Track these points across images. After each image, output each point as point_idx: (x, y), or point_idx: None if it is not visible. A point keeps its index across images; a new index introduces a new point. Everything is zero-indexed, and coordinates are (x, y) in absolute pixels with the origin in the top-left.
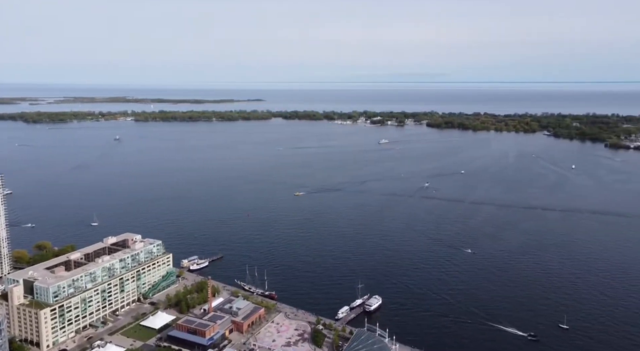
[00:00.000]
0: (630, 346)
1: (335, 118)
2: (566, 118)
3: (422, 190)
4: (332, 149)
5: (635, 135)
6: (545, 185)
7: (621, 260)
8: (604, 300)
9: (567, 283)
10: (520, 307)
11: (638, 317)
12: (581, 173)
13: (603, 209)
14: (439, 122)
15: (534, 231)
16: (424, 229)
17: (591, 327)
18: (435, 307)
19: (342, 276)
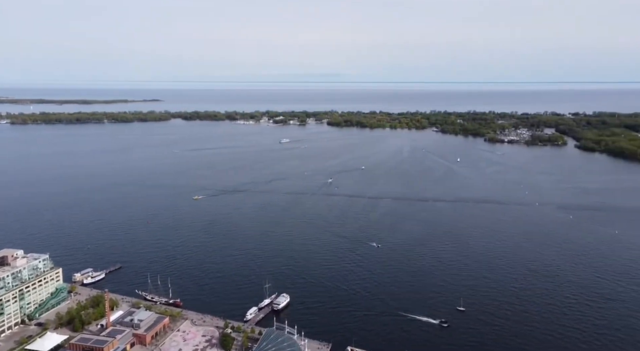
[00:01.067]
0: (517, 320)
1: (238, 118)
2: (451, 115)
3: (326, 187)
4: (235, 150)
5: (508, 130)
6: (435, 177)
7: (501, 243)
8: (490, 281)
9: (460, 268)
10: (423, 294)
11: (519, 292)
12: (465, 166)
13: (485, 198)
14: (339, 120)
15: (429, 221)
16: (329, 225)
17: (484, 307)
18: (344, 301)
19: (249, 278)
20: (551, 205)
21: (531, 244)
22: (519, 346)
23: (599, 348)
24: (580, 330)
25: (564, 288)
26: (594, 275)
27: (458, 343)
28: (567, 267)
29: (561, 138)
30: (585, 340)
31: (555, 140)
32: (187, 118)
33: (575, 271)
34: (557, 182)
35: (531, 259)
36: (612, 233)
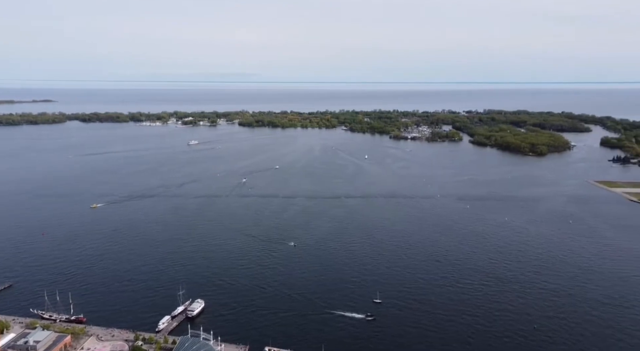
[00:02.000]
0: (431, 306)
1: (143, 119)
2: (359, 114)
3: (239, 188)
4: (140, 153)
5: (411, 128)
6: (346, 174)
7: (409, 234)
8: (402, 271)
9: (373, 261)
10: (340, 290)
11: (428, 279)
12: (373, 163)
13: (392, 192)
14: (250, 121)
15: (341, 217)
16: (244, 227)
17: (399, 297)
18: (261, 302)
19: (160, 286)
20: (451, 196)
21: (435, 234)
22: (435, 331)
23: (499, 325)
24: (480, 309)
25: (464, 273)
26: (488, 259)
27: (378, 335)
28: (467, 253)
29: (457, 135)
30: (486, 318)
31: (452, 136)
32: (85, 120)
33: (473, 257)
34: (455, 175)
35: (436, 248)
36: (503, 220)
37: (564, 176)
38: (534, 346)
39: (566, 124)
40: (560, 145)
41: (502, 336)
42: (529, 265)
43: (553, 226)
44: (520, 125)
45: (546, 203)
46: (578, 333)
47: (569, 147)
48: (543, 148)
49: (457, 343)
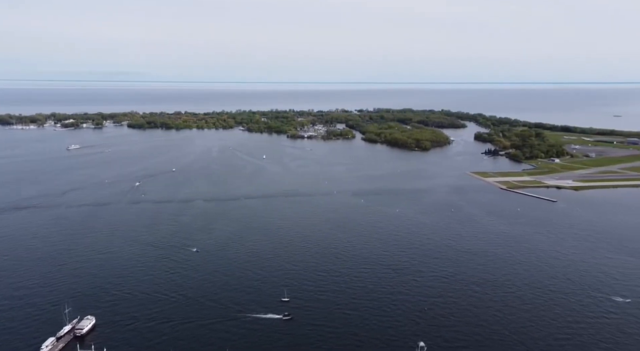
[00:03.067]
0: (334, 300)
1: (14, 122)
2: (256, 114)
3: (132, 194)
4: (10, 160)
5: (307, 127)
6: (244, 175)
7: (310, 231)
8: (305, 266)
9: (277, 260)
10: (246, 291)
11: (330, 274)
12: (272, 162)
13: (292, 191)
14: (141, 122)
15: (243, 219)
16: (138, 234)
17: (305, 294)
18: (161, 313)
19: (42, 305)
20: (347, 192)
21: (334, 229)
22: (343, 325)
23: (396, 310)
24: (378, 298)
25: (362, 265)
26: (383, 250)
27: (293, 334)
28: (363, 245)
29: (350, 133)
30: (384, 305)
31: (346, 134)
32: None
33: (369, 249)
34: (349, 171)
35: (335, 242)
36: (394, 212)
37: (445, 168)
38: (424, 326)
39: (446, 121)
40: (441, 141)
41: (396, 320)
42: (420, 252)
43: (438, 215)
44: (406, 123)
45: (432, 194)
46: (464, 308)
47: (448, 142)
48: (427, 144)
49: (364, 331)
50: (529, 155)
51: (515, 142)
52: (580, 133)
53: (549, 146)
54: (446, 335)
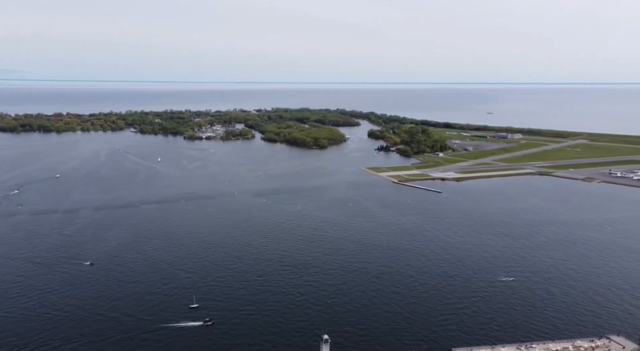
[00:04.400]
0: (239, 304)
1: None
2: (149, 115)
3: (6, 206)
4: None
5: (205, 127)
6: (139, 180)
7: (212, 234)
8: (211, 271)
9: (182, 266)
10: (152, 301)
11: (236, 276)
12: (168, 165)
13: (191, 194)
14: (13, 125)
15: (140, 226)
16: (15, 251)
17: (215, 298)
18: (65, 334)
19: None
20: (248, 192)
21: (236, 230)
22: (252, 323)
23: (299, 306)
24: (283, 295)
25: (265, 264)
26: (284, 248)
27: (213, 340)
28: (266, 245)
29: (250, 133)
30: (289, 302)
31: (246, 134)
32: None
33: (271, 248)
34: (250, 171)
35: (237, 243)
36: (295, 209)
37: (342, 165)
38: (328, 319)
39: (341, 120)
40: (338, 138)
41: (301, 315)
42: (321, 247)
43: (337, 210)
44: (304, 122)
45: (331, 191)
46: (366, 299)
47: (344, 139)
48: (324, 142)
49: (271, 328)
50: (417, 150)
51: (404, 138)
52: (460, 129)
53: (433, 141)
54: (349, 326)
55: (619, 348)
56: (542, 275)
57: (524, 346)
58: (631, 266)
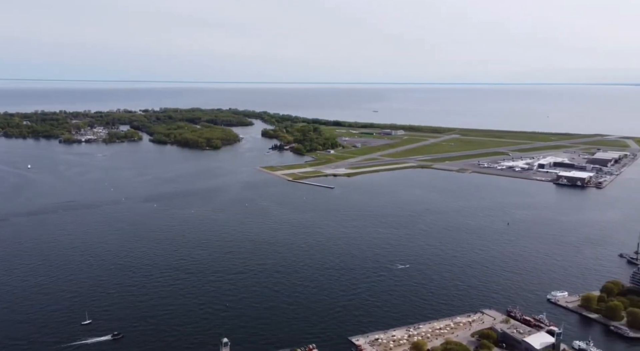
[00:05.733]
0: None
1: None
2: (14, 116)
3: None
4: None
5: (84, 129)
6: (4, 189)
7: (95, 246)
8: (96, 286)
9: (69, 282)
10: (42, 322)
11: (127, 289)
12: (41, 172)
13: (71, 203)
14: None
15: (9, 242)
16: None
17: (106, 313)
18: None
19: None
20: (137, 198)
21: (125, 239)
22: (150, 331)
23: (196, 314)
24: (178, 302)
25: (159, 271)
26: (177, 253)
27: None
28: (160, 252)
29: (136, 134)
30: (187, 309)
31: (132, 136)
32: None
33: (167, 254)
34: (138, 175)
35: (127, 253)
36: (190, 213)
37: (237, 165)
38: (227, 322)
39: (234, 119)
40: (231, 138)
41: (199, 320)
42: (219, 249)
43: (234, 211)
44: (195, 122)
45: (226, 192)
46: (264, 300)
47: (238, 139)
48: (218, 142)
49: (172, 334)
50: (310, 148)
51: (297, 137)
52: (349, 126)
53: (325, 139)
54: (249, 326)
55: (490, 319)
56: (427, 261)
57: (412, 328)
58: (498, 248)
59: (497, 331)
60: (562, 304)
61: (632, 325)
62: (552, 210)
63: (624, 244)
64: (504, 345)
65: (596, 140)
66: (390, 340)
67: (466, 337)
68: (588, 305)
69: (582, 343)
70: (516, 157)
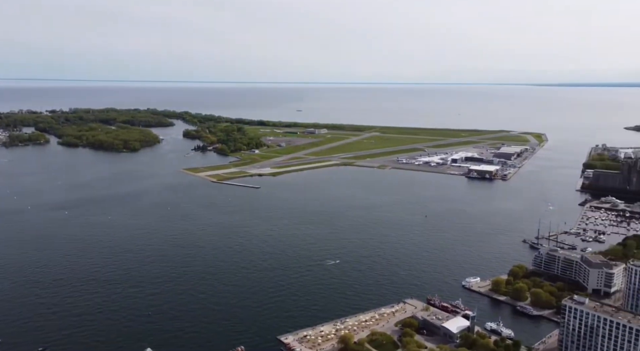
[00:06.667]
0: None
1: None
2: None
3: None
4: None
5: None
6: None
7: (3, 261)
8: (9, 301)
9: None
10: None
11: (35, 305)
12: None
13: None
14: None
15: None
16: None
17: (14, 332)
18: None
19: None
20: (45, 206)
21: (32, 251)
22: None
23: (118, 324)
24: (96, 313)
25: (70, 284)
26: (96, 264)
27: None
28: (71, 263)
29: (43, 137)
30: (108, 321)
31: (37, 138)
32: None
33: (79, 265)
34: (46, 181)
35: (34, 266)
36: (106, 219)
37: (158, 168)
38: (150, 331)
39: (153, 120)
40: (150, 140)
41: (117, 332)
42: (139, 257)
43: (155, 215)
44: (110, 123)
45: (147, 196)
46: (188, 306)
47: (158, 141)
48: (136, 144)
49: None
50: (234, 148)
51: (220, 137)
52: (273, 126)
53: (249, 139)
54: (173, 335)
55: (412, 308)
56: (354, 255)
57: (339, 322)
58: (418, 240)
59: (419, 319)
60: (475, 289)
61: (535, 304)
62: (465, 202)
63: (526, 231)
64: (424, 332)
65: (501, 135)
66: (318, 336)
67: (390, 327)
68: (497, 288)
69: (493, 324)
70: (431, 152)
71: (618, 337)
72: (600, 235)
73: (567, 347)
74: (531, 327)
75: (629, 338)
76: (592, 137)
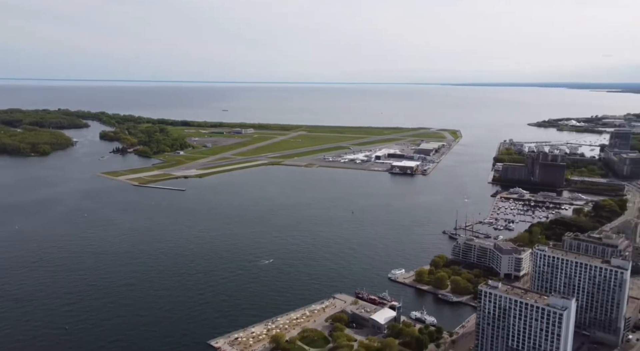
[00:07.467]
0: None
1: None
2: None
3: None
4: None
5: None
6: None
7: None
8: None
9: None
10: None
11: None
12: None
13: None
14: None
15: None
16: None
17: None
18: None
19: None
20: None
21: None
22: None
23: (32, 341)
24: (11, 332)
25: None
26: (4, 282)
27: None
28: None
29: None
30: (21, 340)
31: None
32: None
33: None
34: None
35: None
36: (12, 229)
37: (73, 172)
38: (69, 345)
39: (65, 121)
40: (63, 142)
41: (36, 342)
42: (52, 269)
43: (71, 224)
44: (15, 125)
45: (60, 203)
46: (110, 317)
47: (72, 143)
48: (46, 147)
49: None
50: (157, 150)
51: (142, 138)
52: (198, 126)
53: (173, 140)
54: (93, 345)
55: (342, 303)
56: (285, 254)
57: (270, 322)
58: (346, 235)
59: (348, 313)
60: (400, 280)
61: (455, 291)
62: (388, 197)
63: (446, 222)
64: (354, 325)
65: (420, 132)
66: (249, 337)
67: (321, 323)
68: (421, 278)
69: (417, 312)
70: (356, 150)
71: (527, 316)
72: (510, 224)
73: (484, 329)
74: (452, 313)
75: (536, 317)
76: (501, 133)
